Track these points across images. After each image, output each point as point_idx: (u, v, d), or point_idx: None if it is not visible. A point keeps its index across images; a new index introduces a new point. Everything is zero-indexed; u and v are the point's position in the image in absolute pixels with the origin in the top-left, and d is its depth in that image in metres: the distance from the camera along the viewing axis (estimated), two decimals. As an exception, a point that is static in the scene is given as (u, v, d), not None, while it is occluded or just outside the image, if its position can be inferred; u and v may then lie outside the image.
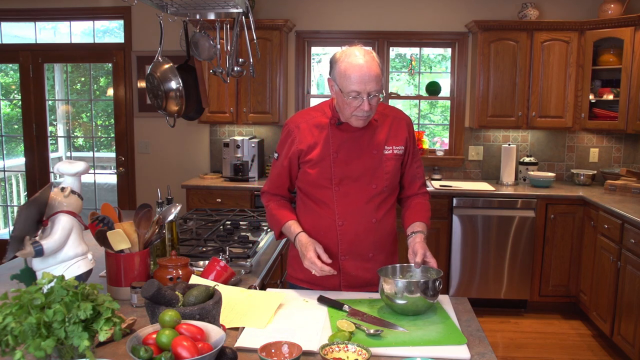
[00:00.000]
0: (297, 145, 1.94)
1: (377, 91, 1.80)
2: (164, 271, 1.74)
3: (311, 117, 1.98)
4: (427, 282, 1.64)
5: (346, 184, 1.93)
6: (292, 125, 1.98)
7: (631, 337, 3.27)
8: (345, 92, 1.80)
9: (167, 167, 5.01)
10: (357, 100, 1.80)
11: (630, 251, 3.35)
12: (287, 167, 1.98)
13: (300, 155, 1.95)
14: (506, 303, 4.34)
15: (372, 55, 1.82)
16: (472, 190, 4.23)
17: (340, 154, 1.92)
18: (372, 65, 1.79)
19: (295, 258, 2.04)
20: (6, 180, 5.47)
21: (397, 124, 1.99)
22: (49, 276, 1.21)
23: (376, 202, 1.95)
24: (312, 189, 1.96)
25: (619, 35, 4.10)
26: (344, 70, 1.79)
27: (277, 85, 4.51)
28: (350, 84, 1.78)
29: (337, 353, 1.36)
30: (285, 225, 1.97)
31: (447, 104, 4.92)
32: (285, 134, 1.99)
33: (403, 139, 1.98)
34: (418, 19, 4.69)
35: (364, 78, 1.77)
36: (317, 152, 1.92)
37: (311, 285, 1.99)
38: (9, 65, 5.34)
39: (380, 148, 1.94)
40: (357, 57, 1.79)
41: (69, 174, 1.75)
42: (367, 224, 1.94)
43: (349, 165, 1.92)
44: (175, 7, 2.44)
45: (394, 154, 1.96)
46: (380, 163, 1.94)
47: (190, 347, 1.17)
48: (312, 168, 1.93)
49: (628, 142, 4.65)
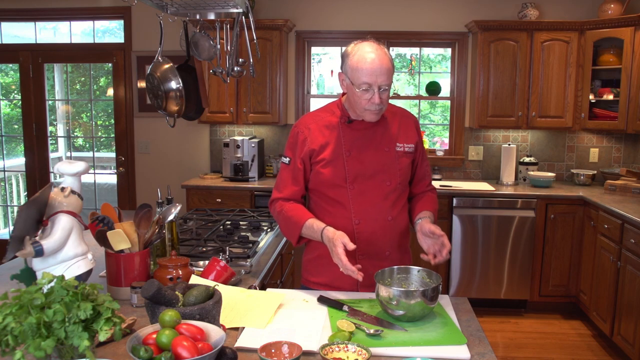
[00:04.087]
0: (309, 145, 1.92)
1: (387, 85, 1.81)
2: (164, 271, 1.74)
3: (320, 118, 1.97)
4: (425, 291, 1.59)
5: (360, 182, 1.91)
6: (302, 127, 1.96)
7: (631, 337, 3.27)
8: (356, 84, 1.81)
9: (167, 167, 5.01)
10: (368, 92, 1.80)
11: (630, 251, 3.35)
12: (302, 170, 1.95)
13: (312, 155, 1.93)
14: (506, 303, 4.34)
15: (383, 49, 1.84)
16: (472, 190, 4.23)
17: (352, 151, 1.91)
18: (384, 58, 1.80)
19: (311, 262, 2.02)
20: (6, 180, 5.47)
21: (406, 122, 2.01)
22: (49, 276, 1.21)
23: (391, 199, 1.94)
24: (326, 189, 1.94)
25: (619, 35, 4.10)
26: (355, 63, 1.80)
27: (277, 85, 4.51)
28: (361, 75, 1.79)
29: (337, 353, 1.36)
30: (306, 224, 1.88)
31: (447, 104, 4.92)
32: (294, 136, 1.97)
33: (413, 137, 1.99)
34: (418, 19, 4.69)
35: (375, 71, 1.78)
36: (329, 151, 1.91)
37: (328, 288, 1.95)
38: (9, 65, 5.34)
39: (392, 145, 1.95)
40: (368, 51, 1.80)
41: (69, 174, 1.75)
42: (383, 222, 1.93)
43: (363, 163, 1.91)
44: (175, 7, 2.44)
45: (405, 151, 1.96)
46: (393, 160, 1.94)
47: (190, 347, 1.17)
48: (325, 167, 1.91)
49: (628, 142, 4.65)
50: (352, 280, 1.93)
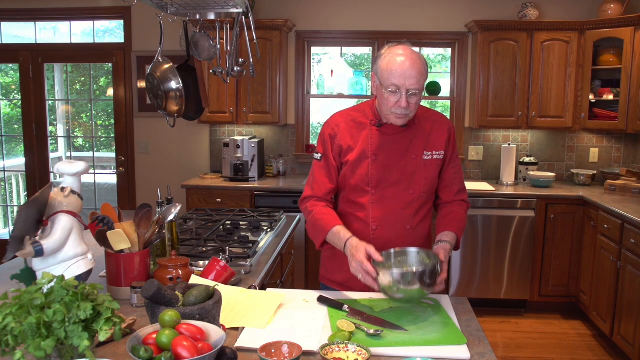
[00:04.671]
0: (338, 142, 1.92)
1: (417, 89, 1.78)
2: (164, 271, 1.74)
3: (351, 118, 1.96)
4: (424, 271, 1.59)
5: (383, 188, 1.89)
6: (332, 124, 1.96)
7: (631, 337, 3.27)
8: (385, 85, 1.80)
9: (167, 167, 5.01)
10: (396, 95, 1.79)
11: (630, 251, 3.34)
12: (335, 166, 1.93)
13: (341, 153, 1.93)
14: (506, 303, 4.34)
15: (417, 54, 1.83)
16: (472, 190, 4.23)
17: (379, 156, 1.89)
18: (416, 62, 1.79)
19: (329, 259, 2.02)
20: (6, 180, 5.47)
21: (439, 128, 1.96)
22: (49, 276, 1.21)
23: (413, 207, 1.92)
24: (348, 191, 1.93)
25: (619, 35, 4.10)
26: (386, 64, 1.80)
27: (277, 85, 4.51)
28: (390, 76, 1.78)
29: (337, 353, 1.36)
30: (332, 231, 1.84)
31: (447, 104, 4.92)
32: (325, 132, 1.96)
33: (443, 143, 1.95)
34: (418, 19, 4.69)
35: (405, 73, 1.76)
36: (356, 153, 1.90)
37: (344, 288, 1.95)
38: (9, 65, 5.34)
39: (419, 153, 1.91)
40: (400, 53, 1.80)
41: (69, 174, 1.75)
42: (402, 230, 1.91)
43: (388, 169, 1.89)
44: (175, 7, 2.44)
45: (434, 159, 1.92)
46: (419, 168, 1.91)
47: (190, 347, 1.17)
48: (351, 169, 1.91)
49: (628, 142, 4.65)
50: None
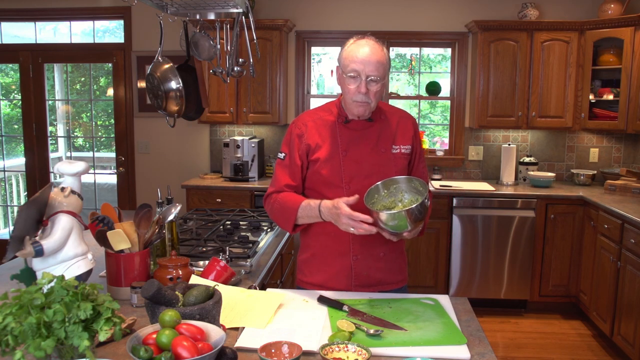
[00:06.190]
0: (306, 141, 1.93)
1: (376, 76, 1.82)
2: (164, 271, 1.74)
3: (318, 116, 1.97)
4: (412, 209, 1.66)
5: (357, 182, 1.91)
6: (299, 123, 1.97)
7: (631, 337, 3.27)
8: (346, 72, 1.83)
9: (167, 167, 5.01)
10: (356, 80, 1.82)
11: (630, 251, 3.34)
12: (299, 165, 1.94)
13: (308, 152, 1.93)
14: (506, 303, 4.34)
15: (380, 45, 1.86)
16: (472, 190, 4.23)
17: (349, 152, 1.92)
18: (376, 50, 1.82)
19: (305, 262, 2.02)
20: (6, 180, 5.47)
21: (404, 123, 2.00)
22: (49, 276, 1.21)
23: None
24: (322, 188, 1.94)
25: (619, 35, 4.10)
26: (348, 52, 1.85)
27: (277, 85, 4.51)
28: (350, 62, 1.82)
29: (337, 353, 1.36)
30: (301, 206, 1.85)
31: (447, 104, 4.92)
32: (292, 132, 1.97)
33: (410, 138, 1.99)
34: (418, 19, 4.69)
35: (365, 59, 1.80)
36: (325, 151, 1.91)
37: (323, 289, 1.95)
38: (9, 65, 5.35)
39: (388, 147, 1.94)
40: (363, 43, 1.84)
41: (69, 174, 1.75)
42: None
43: (359, 163, 1.91)
44: (175, 7, 2.44)
45: (402, 153, 1.96)
46: (390, 161, 1.93)
47: (190, 347, 1.17)
48: (322, 167, 1.92)
49: (628, 142, 4.65)
50: (346, 280, 1.94)
